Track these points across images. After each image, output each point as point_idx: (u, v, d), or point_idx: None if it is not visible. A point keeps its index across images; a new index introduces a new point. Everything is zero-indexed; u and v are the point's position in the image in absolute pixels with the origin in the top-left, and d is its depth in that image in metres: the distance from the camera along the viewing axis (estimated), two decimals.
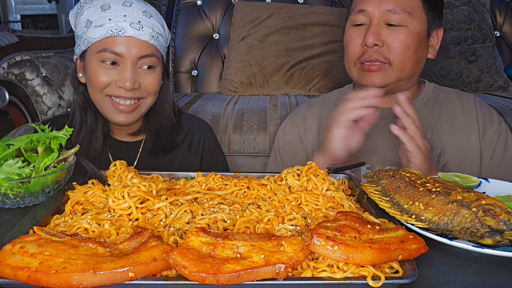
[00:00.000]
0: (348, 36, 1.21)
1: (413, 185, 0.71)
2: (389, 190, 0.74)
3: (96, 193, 0.73)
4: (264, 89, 2.15)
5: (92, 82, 1.10)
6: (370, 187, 0.77)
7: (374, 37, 1.12)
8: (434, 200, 0.66)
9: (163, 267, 0.53)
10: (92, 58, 1.09)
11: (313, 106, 1.35)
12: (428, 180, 0.73)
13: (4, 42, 1.72)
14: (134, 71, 1.08)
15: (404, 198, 0.70)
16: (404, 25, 1.13)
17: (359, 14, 1.17)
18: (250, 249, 0.54)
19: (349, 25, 1.22)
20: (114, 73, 1.08)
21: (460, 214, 0.62)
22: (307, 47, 2.16)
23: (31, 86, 1.74)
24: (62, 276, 0.50)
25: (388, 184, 0.75)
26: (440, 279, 0.56)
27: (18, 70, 1.72)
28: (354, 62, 1.19)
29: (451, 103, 1.23)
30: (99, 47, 1.07)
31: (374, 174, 0.81)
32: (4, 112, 1.67)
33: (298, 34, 2.18)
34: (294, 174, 0.80)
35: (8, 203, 0.75)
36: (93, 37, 1.08)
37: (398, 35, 1.13)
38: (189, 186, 0.81)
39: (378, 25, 1.14)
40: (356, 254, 0.53)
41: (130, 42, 1.07)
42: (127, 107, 1.11)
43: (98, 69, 1.08)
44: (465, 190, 0.67)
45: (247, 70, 2.13)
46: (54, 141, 0.80)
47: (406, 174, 0.77)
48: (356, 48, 1.17)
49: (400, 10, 1.13)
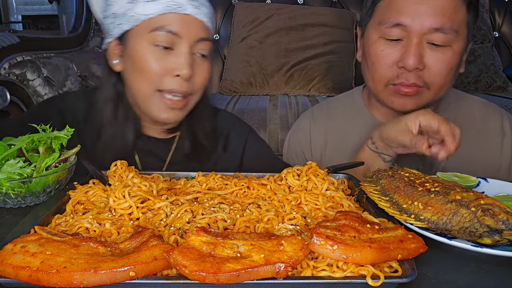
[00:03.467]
0: (378, 51, 1.00)
1: (412, 185, 0.71)
2: (388, 190, 0.74)
3: (97, 193, 0.74)
4: (264, 89, 2.15)
5: (141, 69, 0.92)
6: (369, 187, 0.77)
7: (416, 60, 0.94)
8: (433, 199, 0.66)
9: (163, 267, 0.53)
10: (141, 39, 0.92)
11: (317, 119, 1.20)
12: (427, 180, 0.73)
13: (5, 42, 1.72)
14: (191, 56, 0.93)
15: (403, 197, 0.70)
16: (449, 44, 0.95)
17: (395, 28, 0.96)
18: (250, 249, 0.54)
19: (376, 36, 1.01)
20: (168, 59, 0.92)
21: (459, 213, 0.62)
22: (307, 48, 2.17)
23: (32, 86, 1.75)
24: (63, 275, 0.50)
25: (387, 184, 0.75)
26: (439, 279, 0.57)
27: (19, 71, 1.72)
28: (385, 84, 1.01)
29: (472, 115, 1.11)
30: (151, 26, 0.90)
31: (374, 174, 0.81)
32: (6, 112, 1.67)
33: (298, 35, 2.19)
34: (294, 174, 0.80)
35: (10, 203, 0.75)
36: (143, 14, 0.90)
37: (442, 57, 0.95)
38: (189, 185, 0.81)
39: (419, 44, 0.95)
40: (355, 253, 0.53)
41: (188, 21, 0.91)
42: (177, 103, 0.94)
43: (149, 53, 0.91)
44: (464, 190, 0.67)
45: (247, 71, 2.14)
46: (55, 141, 0.80)
47: (406, 174, 0.77)
48: (389, 68, 0.98)
49: (449, 28, 0.94)
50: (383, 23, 0.99)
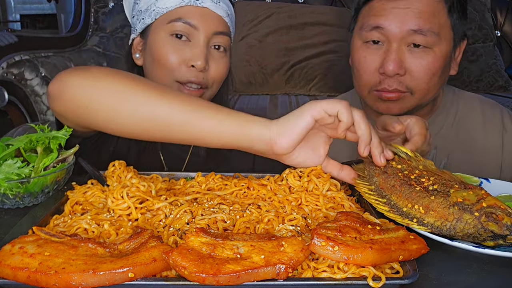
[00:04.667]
0: (360, 56, 1.01)
1: (408, 183, 0.69)
2: (384, 190, 0.71)
3: (95, 194, 0.73)
4: (264, 88, 2.14)
5: (159, 59, 0.97)
6: (363, 186, 0.74)
7: (395, 66, 0.94)
8: (434, 203, 0.64)
9: (163, 268, 0.53)
10: (160, 31, 0.97)
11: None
12: (421, 173, 0.70)
13: (3, 42, 1.71)
14: (207, 48, 0.97)
15: (402, 199, 0.67)
16: (430, 47, 0.95)
17: (374, 31, 0.98)
18: (250, 250, 0.54)
19: (359, 41, 1.02)
20: (184, 49, 0.96)
21: (462, 219, 0.62)
22: (307, 47, 2.16)
23: (30, 86, 1.74)
24: (61, 276, 0.49)
25: (382, 183, 0.72)
26: (441, 280, 0.56)
27: (17, 70, 1.71)
28: (369, 90, 1.01)
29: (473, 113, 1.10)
30: (170, 17, 0.96)
31: (365, 168, 0.77)
32: (3, 112, 1.67)
33: (298, 34, 2.18)
34: (295, 175, 0.79)
35: (8, 203, 0.75)
36: (164, 7, 0.96)
37: (422, 61, 0.95)
38: (188, 186, 0.81)
39: (399, 49, 0.95)
40: (356, 254, 0.52)
41: (206, 14, 0.96)
42: (193, 93, 0.97)
43: (166, 43, 0.96)
44: (462, 187, 0.66)
45: (247, 70, 2.13)
46: (53, 141, 0.80)
47: (397, 166, 0.73)
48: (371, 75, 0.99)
49: (427, 30, 0.93)
50: (363, 27, 1.01)
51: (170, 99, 0.72)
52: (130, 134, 0.79)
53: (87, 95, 0.76)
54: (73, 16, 2.25)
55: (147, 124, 0.74)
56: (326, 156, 0.78)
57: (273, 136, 0.70)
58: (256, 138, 0.70)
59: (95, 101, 0.75)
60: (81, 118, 0.80)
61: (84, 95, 0.76)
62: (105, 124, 0.78)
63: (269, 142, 0.70)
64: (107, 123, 0.77)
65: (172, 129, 0.73)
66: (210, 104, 0.75)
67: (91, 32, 2.24)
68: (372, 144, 0.73)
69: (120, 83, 0.75)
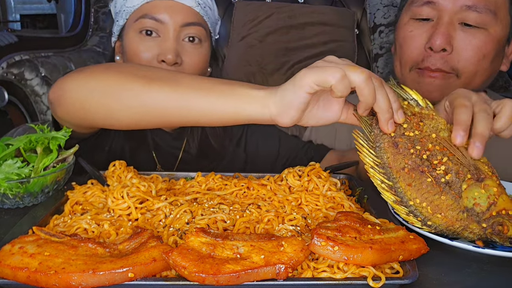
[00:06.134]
0: (406, 32, 0.94)
1: (420, 169, 0.63)
2: (393, 171, 0.64)
3: (95, 193, 0.73)
4: None
5: (132, 59, 0.98)
6: (368, 155, 0.65)
7: (443, 40, 0.86)
8: (444, 204, 0.62)
9: (162, 268, 0.53)
10: (130, 30, 0.98)
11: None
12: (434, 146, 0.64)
13: (3, 42, 1.71)
14: (177, 42, 0.96)
15: (410, 191, 0.63)
16: (484, 27, 0.88)
17: (425, 6, 0.90)
18: (250, 250, 0.54)
19: (407, 17, 0.95)
20: (154, 45, 0.96)
21: (468, 229, 0.62)
22: (307, 47, 2.16)
23: (30, 86, 1.74)
24: (61, 276, 0.49)
25: (391, 161, 0.64)
26: (441, 280, 0.56)
27: (17, 70, 1.71)
28: (410, 67, 0.93)
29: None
30: (137, 15, 0.96)
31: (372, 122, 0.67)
32: (3, 112, 1.67)
33: (298, 34, 2.18)
34: (294, 174, 0.79)
35: (8, 203, 0.75)
36: (131, 5, 0.97)
37: (473, 40, 0.87)
38: (188, 186, 0.81)
39: (450, 24, 0.88)
40: (356, 254, 0.52)
41: (172, 6, 0.95)
42: None
43: (136, 41, 0.96)
44: (475, 178, 0.62)
45: (247, 70, 2.13)
46: (52, 141, 0.80)
47: (409, 134, 0.65)
48: (416, 50, 0.91)
49: (483, 7, 0.86)
50: (414, 2, 0.93)
51: (160, 86, 0.70)
52: (130, 126, 0.79)
53: (83, 97, 0.76)
54: (73, 16, 2.25)
55: (144, 114, 0.73)
56: (344, 108, 0.69)
57: (273, 116, 0.66)
58: (255, 118, 0.68)
59: (90, 101, 0.75)
60: (82, 119, 0.81)
61: (79, 97, 0.77)
62: (105, 122, 0.78)
63: (271, 120, 0.67)
64: (107, 121, 0.78)
65: (168, 114, 0.72)
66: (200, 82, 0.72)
67: (91, 32, 2.24)
68: (378, 108, 0.62)
69: (110, 79, 0.74)
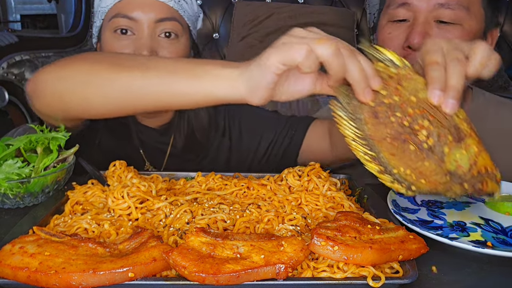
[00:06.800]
0: (385, 34, 0.98)
1: (402, 137, 0.62)
2: (374, 141, 0.63)
3: (95, 193, 0.73)
4: None
5: None
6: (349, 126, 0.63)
7: (421, 38, 0.89)
8: (428, 170, 0.61)
9: (163, 267, 0.53)
10: (106, 30, 0.97)
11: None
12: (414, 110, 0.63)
13: (3, 42, 1.72)
14: (152, 38, 0.95)
15: (393, 160, 0.62)
16: (459, 23, 0.91)
17: (400, 8, 0.94)
18: (250, 249, 0.54)
19: (385, 20, 0.99)
20: (130, 43, 0.95)
21: (451, 190, 0.62)
22: None
23: None
24: (61, 276, 0.50)
25: (372, 132, 0.62)
26: (441, 279, 0.56)
27: (18, 70, 1.72)
28: None
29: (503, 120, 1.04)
30: (111, 14, 0.96)
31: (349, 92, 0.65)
32: (4, 112, 1.67)
33: None
34: (294, 174, 0.80)
35: (8, 203, 0.75)
36: (105, 6, 0.97)
37: (449, 35, 0.91)
38: (189, 186, 0.81)
39: (425, 22, 0.91)
40: (356, 254, 0.52)
41: (144, 3, 0.95)
42: None
43: (111, 41, 0.96)
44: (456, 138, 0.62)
45: None
46: (53, 141, 0.80)
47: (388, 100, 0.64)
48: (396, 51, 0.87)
49: (456, 4, 0.90)
50: (390, 5, 0.97)
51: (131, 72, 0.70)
52: (108, 114, 0.78)
53: (59, 87, 0.76)
54: (73, 16, 2.26)
55: (119, 101, 0.73)
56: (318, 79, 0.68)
57: (243, 96, 0.66)
58: (227, 98, 0.67)
59: (67, 91, 0.75)
60: (61, 110, 0.80)
61: (57, 88, 0.76)
62: (84, 113, 0.79)
63: (242, 100, 0.66)
64: (86, 112, 0.78)
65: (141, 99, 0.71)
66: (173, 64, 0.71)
67: (91, 32, 2.25)
68: (351, 79, 0.61)
69: (84, 68, 0.74)
